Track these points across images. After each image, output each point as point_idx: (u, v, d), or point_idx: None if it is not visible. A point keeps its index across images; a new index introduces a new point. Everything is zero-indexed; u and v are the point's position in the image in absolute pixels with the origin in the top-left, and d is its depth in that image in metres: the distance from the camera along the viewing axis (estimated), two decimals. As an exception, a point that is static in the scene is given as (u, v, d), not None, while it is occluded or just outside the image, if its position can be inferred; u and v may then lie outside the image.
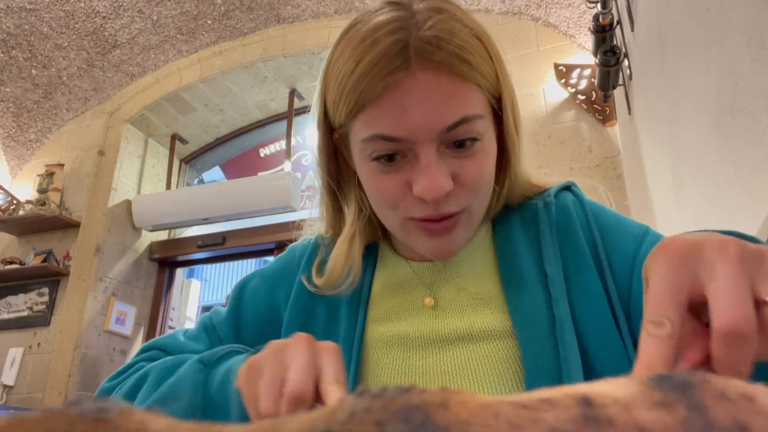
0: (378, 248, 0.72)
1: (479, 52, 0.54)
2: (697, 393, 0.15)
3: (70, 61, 3.64)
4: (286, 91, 3.88)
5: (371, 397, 0.15)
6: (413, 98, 0.51)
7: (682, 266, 0.30)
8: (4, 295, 3.58)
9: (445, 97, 0.52)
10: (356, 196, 0.65)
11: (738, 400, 0.15)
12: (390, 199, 0.56)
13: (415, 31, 0.52)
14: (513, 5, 3.05)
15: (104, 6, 3.37)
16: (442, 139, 0.53)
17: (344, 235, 0.66)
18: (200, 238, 3.76)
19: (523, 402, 0.15)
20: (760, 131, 0.94)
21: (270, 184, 3.52)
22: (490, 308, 0.59)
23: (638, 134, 2.15)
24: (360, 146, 0.56)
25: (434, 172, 0.52)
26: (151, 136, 4.04)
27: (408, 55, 0.51)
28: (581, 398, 0.15)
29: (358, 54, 0.53)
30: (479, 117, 0.54)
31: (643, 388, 0.15)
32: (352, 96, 0.54)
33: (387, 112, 0.52)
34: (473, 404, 0.14)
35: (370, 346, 0.63)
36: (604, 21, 2.06)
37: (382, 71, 0.51)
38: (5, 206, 3.62)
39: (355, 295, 0.66)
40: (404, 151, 0.54)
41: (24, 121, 3.86)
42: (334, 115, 0.58)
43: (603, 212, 0.64)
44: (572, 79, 2.76)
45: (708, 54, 1.18)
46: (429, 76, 0.51)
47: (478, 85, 0.54)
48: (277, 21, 3.59)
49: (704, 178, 1.32)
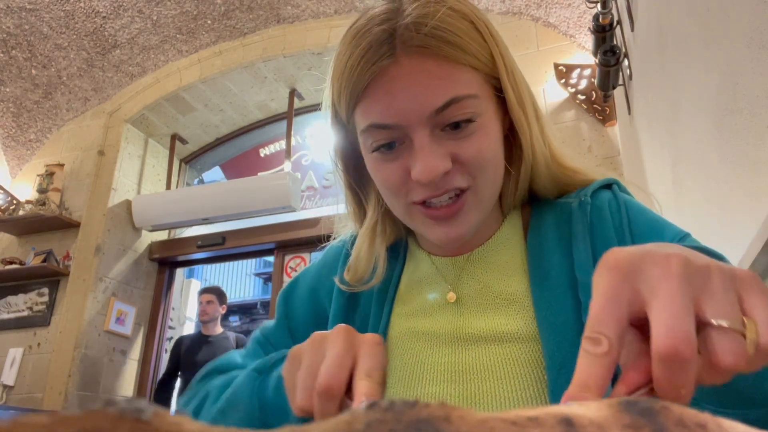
0: (408, 244, 0.72)
1: (467, 33, 0.54)
2: (661, 419, 0.17)
3: (70, 61, 3.64)
4: (286, 91, 3.89)
5: (383, 410, 0.16)
6: (399, 84, 0.53)
7: (623, 281, 0.28)
8: (4, 295, 3.58)
9: (432, 80, 0.52)
10: (375, 190, 0.66)
11: (693, 427, 0.17)
12: (393, 186, 0.57)
13: (399, 20, 0.53)
14: (513, 5, 3.05)
15: (104, 6, 3.37)
16: (435, 122, 0.53)
17: (365, 227, 0.67)
18: (200, 238, 3.77)
19: (513, 419, 0.16)
20: (760, 131, 0.94)
21: (270, 184, 3.52)
22: (514, 309, 0.58)
23: (638, 134, 2.15)
24: (362, 139, 0.58)
25: (428, 153, 0.53)
26: (151, 136, 4.04)
27: (393, 43, 0.53)
28: (563, 418, 0.16)
29: (350, 48, 0.55)
30: (471, 97, 0.54)
31: (613, 411, 0.17)
32: (347, 89, 0.55)
33: (377, 100, 0.54)
34: (471, 419, 0.16)
35: (394, 341, 0.63)
36: (604, 21, 2.06)
37: (369, 61, 0.53)
38: (5, 206, 3.62)
39: (383, 291, 0.66)
40: (401, 138, 0.55)
41: (24, 121, 3.86)
42: (341, 112, 0.59)
43: (640, 215, 0.60)
44: (572, 79, 2.76)
45: (708, 54, 1.18)
46: (413, 61, 0.52)
47: (470, 65, 0.54)
48: (277, 21, 3.59)
49: (704, 178, 1.32)
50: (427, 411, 0.16)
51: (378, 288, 0.66)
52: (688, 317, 0.26)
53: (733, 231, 1.14)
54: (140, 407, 0.14)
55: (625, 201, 0.61)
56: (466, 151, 0.54)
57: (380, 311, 0.65)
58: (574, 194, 0.64)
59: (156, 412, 0.14)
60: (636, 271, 0.28)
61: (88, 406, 0.14)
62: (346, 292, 0.68)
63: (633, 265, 0.29)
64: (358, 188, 0.67)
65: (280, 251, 3.58)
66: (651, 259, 0.29)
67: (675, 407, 0.17)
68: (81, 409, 0.14)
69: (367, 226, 0.67)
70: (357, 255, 0.66)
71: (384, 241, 0.67)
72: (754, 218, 0.97)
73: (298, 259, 3.50)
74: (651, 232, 0.57)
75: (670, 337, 0.25)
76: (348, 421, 0.16)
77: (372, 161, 0.58)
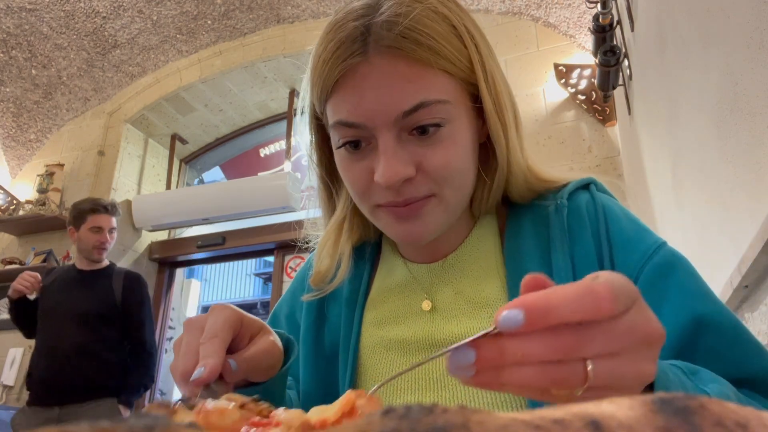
0: (380, 247, 0.71)
1: (444, 36, 0.52)
2: (697, 420, 0.15)
3: (70, 61, 3.64)
4: (286, 91, 3.89)
5: (399, 417, 0.15)
6: (368, 84, 0.51)
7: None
8: (4, 295, 3.58)
9: (402, 82, 0.51)
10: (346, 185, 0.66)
11: (733, 428, 0.15)
12: (359, 187, 0.56)
13: (375, 17, 0.52)
14: (513, 5, 3.05)
15: (104, 6, 3.37)
16: (402, 125, 0.52)
17: (332, 222, 0.66)
18: (200, 238, 3.76)
19: (537, 423, 0.15)
20: (760, 131, 0.94)
21: (270, 184, 3.52)
22: (489, 313, 0.57)
23: (638, 134, 2.15)
24: (331, 133, 0.57)
25: (390, 158, 0.52)
26: (151, 136, 4.04)
27: (366, 40, 0.51)
28: (590, 420, 0.15)
29: (325, 42, 0.54)
30: (441, 102, 0.52)
31: (645, 411, 0.16)
32: (318, 81, 0.54)
33: (346, 98, 0.53)
34: (492, 425, 0.15)
35: (366, 349, 0.62)
36: (604, 21, 2.06)
37: (340, 57, 0.52)
38: (5, 206, 3.62)
39: (352, 297, 0.66)
40: (367, 138, 0.54)
41: (24, 121, 3.86)
42: (315, 103, 0.58)
43: (618, 219, 0.58)
44: (572, 79, 2.76)
45: (708, 54, 1.18)
46: (384, 61, 0.51)
47: (443, 70, 0.52)
48: (277, 21, 3.59)
49: (704, 178, 1.32)
50: (444, 417, 0.15)
51: (347, 295, 0.66)
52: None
53: (733, 231, 1.14)
54: (150, 424, 0.14)
55: (603, 204, 0.60)
56: (431, 160, 0.53)
57: (351, 318, 0.64)
58: (550, 196, 0.62)
59: (165, 426, 0.14)
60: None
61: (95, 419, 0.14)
62: (314, 309, 0.67)
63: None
64: (330, 181, 0.66)
65: (280, 251, 3.58)
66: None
67: (714, 405, 0.16)
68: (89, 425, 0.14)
69: (334, 221, 0.66)
70: (320, 251, 0.66)
71: (350, 239, 0.66)
72: (754, 218, 0.97)
73: (298, 259, 3.50)
74: (628, 237, 0.56)
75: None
76: (362, 429, 0.15)
77: (340, 158, 0.57)
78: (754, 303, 1.08)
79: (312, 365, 0.65)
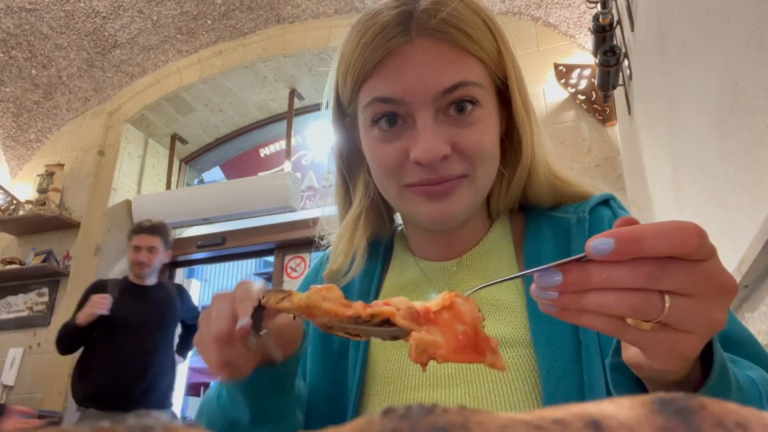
0: (393, 245, 0.72)
1: (479, 27, 0.56)
2: (697, 420, 0.15)
3: (70, 61, 3.64)
4: (286, 91, 3.88)
5: (399, 417, 0.15)
6: (411, 63, 0.54)
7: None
8: (4, 295, 3.58)
9: (443, 62, 0.54)
10: (364, 180, 0.67)
11: (734, 428, 0.15)
12: (389, 167, 0.57)
13: (416, 4, 0.55)
14: (513, 5, 3.05)
15: (104, 6, 3.37)
16: (440, 104, 0.55)
17: (348, 218, 0.67)
18: (200, 238, 3.76)
19: (537, 423, 0.15)
20: (760, 131, 0.94)
21: (270, 184, 3.52)
22: (504, 314, 0.57)
23: (638, 134, 2.15)
24: (362, 117, 0.59)
25: (430, 134, 0.54)
26: (151, 136, 4.04)
27: (409, 25, 0.55)
28: (591, 421, 0.15)
29: (363, 29, 0.56)
30: (477, 85, 0.56)
31: (645, 411, 0.16)
32: (355, 67, 0.57)
33: (385, 76, 0.55)
34: (492, 425, 0.15)
35: (378, 347, 0.62)
36: (604, 21, 2.06)
37: (382, 40, 0.55)
38: (5, 206, 3.62)
39: (364, 293, 0.66)
40: (404, 115, 0.56)
41: (24, 121, 3.86)
42: (344, 95, 0.60)
43: None
44: (572, 79, 2.76)
45: (708, 54, 1.18)
46: (428, 43, 0.54)
47: (478, 58, 0.56)
48: (277, 21, 3.59)
49: (704, 178, 1.32)
50: (444, 418, 0.15)
51: (358, 291, 0.66)
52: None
53: (733, 231, 1.14)
54: (149, 424, 0.14)
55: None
56: (466, 140, 0.55)
57: None
58: (571, 208, 0.63)
59: (165, 427, 0.14)
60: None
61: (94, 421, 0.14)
62: None
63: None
64: (348, 177, 0.68)
65: (280, 251, 3.58)
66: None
67: (714, 405, 0.16)
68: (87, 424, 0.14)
69: (350, 216, 0.68)
70: (337, 245, 0.67)
71: (365, 234, 0.68)
72: (754, 218, 0.97)
73: (298, 259, 3.50)
74: None
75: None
76: (363, 428, 0.15)
77: (370, 141, 0.59)
78: (754, 303, 1.08)
79: (321, 361, 0.65)
